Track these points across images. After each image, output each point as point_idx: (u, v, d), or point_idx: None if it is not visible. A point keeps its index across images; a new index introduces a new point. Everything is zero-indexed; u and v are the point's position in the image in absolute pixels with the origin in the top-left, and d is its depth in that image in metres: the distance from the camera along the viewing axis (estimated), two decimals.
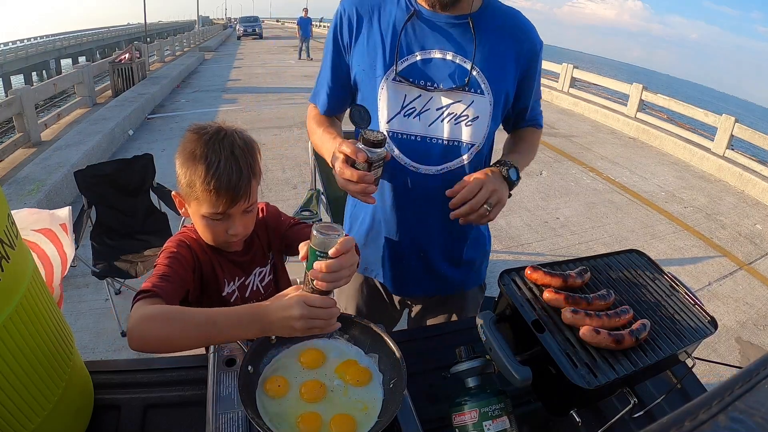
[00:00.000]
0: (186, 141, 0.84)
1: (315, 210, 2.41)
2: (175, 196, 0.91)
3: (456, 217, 0.91)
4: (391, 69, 0.96)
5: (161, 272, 0.82)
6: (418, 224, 1.06)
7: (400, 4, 0.98)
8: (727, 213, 4.52)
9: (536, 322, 0.71)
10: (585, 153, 5.92)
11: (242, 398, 0.66)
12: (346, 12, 1.00)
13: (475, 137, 0.99)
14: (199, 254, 0.92)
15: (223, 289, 0.96)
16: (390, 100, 0.97)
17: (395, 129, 0.99)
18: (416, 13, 0.96)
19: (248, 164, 0.85)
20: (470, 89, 0.96)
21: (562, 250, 3.49)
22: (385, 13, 0.98)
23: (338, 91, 1.08)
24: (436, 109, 0.97)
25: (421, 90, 0.96)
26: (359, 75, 1.01)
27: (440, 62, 0.96)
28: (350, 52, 1.02)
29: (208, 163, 0.81)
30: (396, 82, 0.96)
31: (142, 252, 2.40)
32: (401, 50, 0.96)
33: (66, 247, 1.11)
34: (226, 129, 0.86)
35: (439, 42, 0.96)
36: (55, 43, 23.63)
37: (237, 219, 0.87)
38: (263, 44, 20.96)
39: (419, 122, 0.98)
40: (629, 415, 0.75)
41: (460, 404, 0.72)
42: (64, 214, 1.15)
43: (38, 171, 3.84)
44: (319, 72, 1.12)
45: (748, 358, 2.55)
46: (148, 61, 10.54)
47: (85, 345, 2.26)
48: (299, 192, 3.98)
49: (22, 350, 0.59)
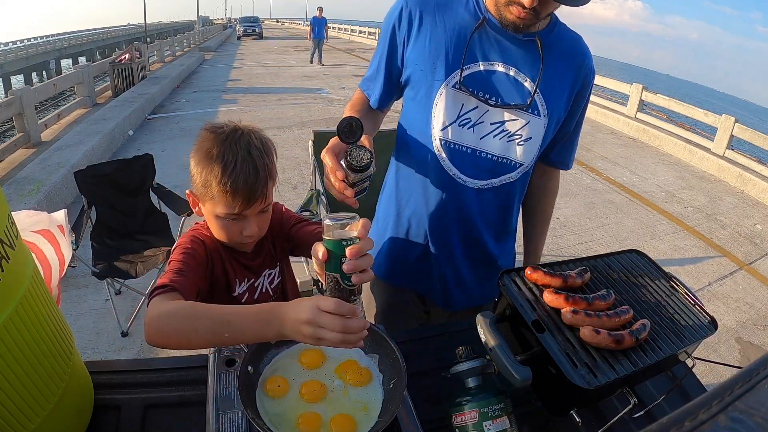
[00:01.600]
0: (202, 140, 0.83)
1: (315, 210, 2.41)
2: (188, 194, 0.89)
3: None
4: (453, 75, 0.93)
5: (176, 268, 0.80)
6: (454, 236, 1.04)
7: (468, 7, 0.94)
8: (727, 213, 4.52)
9: (536, 323, 0.71)
10: (585, 153, 5.92)
11: (242, 398, 0.65)
12: (408, 5, 0.95)
13: (526, 158, 0.98)
14: (211, 252, 0.91)
15: (235, 289, 0.95)
16: (447, 107, 0.94)
17: (448, 138, 0.96)
18: (485, 21, 0.92)
19: (265, 165, 0.83)
20: (529, 110, 0.94)
21: (562, 250, 3.49)
22: (451, 13, 0.94)
23: (387, 85, 1.04)
24: (491, 124, 0.95)
25: (480, 102, 0.93)
26: (415, 74, 0.98)
27: (503, 77, 0.93)
28: (407, 48, 0.97)
29: (224, 163, 0.80)
30: (456, 90, 0.93)
31: (142, 252, 2.40)
32: (467, 57, 0.92)
33: (63, 248, 1.13)
34: (243, 128, 0.84)
35: (503, 56, 0.93)
36: (55, 43, 23.62)
37: (252, 220, 0.86)
38: (263, 44, 20.96)
39: (473, 134, 0.96)
40: (629, 415, 0.75)
41: (460, 404, 0.72)
42: (61, 217, 1.17)
43: (38, 171, 3.84)
44: (371, 62, 1.07)
45: (748, 358, 2.55)
46: (148, 61, 10.54)
47: (85, 345, 2.26)
48: (299, 192, 4.00)
49: (22, 350, 0.59)
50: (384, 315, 1.19)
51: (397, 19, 0.97)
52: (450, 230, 1.04)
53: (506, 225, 1.08)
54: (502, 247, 1.11)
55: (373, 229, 1.16)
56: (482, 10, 0.93)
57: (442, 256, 1.07)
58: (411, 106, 1.03)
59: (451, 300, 1.13)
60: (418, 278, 1.12)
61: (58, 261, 1.10)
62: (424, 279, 1.11)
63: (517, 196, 1.05)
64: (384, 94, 1.06)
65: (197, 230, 0.93)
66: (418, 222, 1.06)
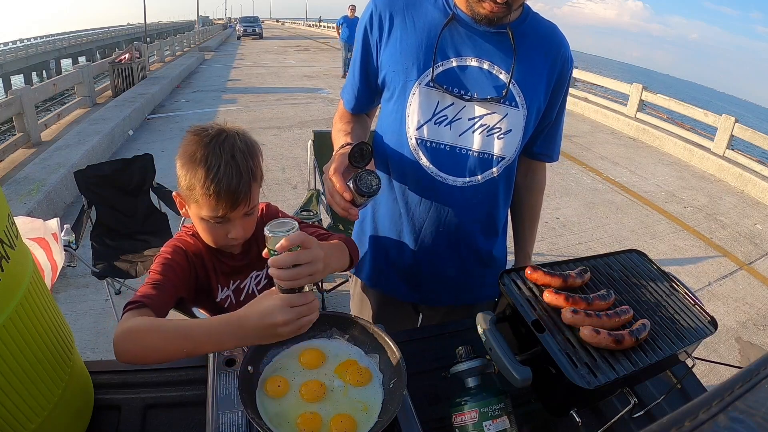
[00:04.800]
0: (186, 143, 0.83)
1: (315, 210, 2.41)
2: (175, 196, 0.90)
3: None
4: (425, 73, 0.92)
5: (153, 280, 0.82)
6: (438, 236, 1.03)
7: (437, 4, 0.94)
8: (727, 213, 4.52)
9: (536, 322, 0.71)
10: (585, 153, 5.92)
11: (242, 398, 0.66)
12: (378, 9, 0.95)
13: (507, 151, 0.97)
14: (194, 259, 0.91)
15: (217, 295, 0.95)
16: (422, 106, 0.94)
17: (424, 137, 0.95)
18: (455, 18, 0.92)
19: (249, 168, 0.83)
20: (506, 102, 0.93)
21: (562, 250, 3.49)
22: (421, 11, 0.94)
23: (366, 90, 1.05)
24: (469, 119, 0.94)
25: (455, 98, 0.93)
26: (389, 76, 0.97)
27: (476, 71, 0.93)
28: (380, 51, 0.98)
29: (207, 167, 0.80)
30: (430, 88, 0.93)
31: (142, 252, 2.40)
32: (438, 54, 0.92)
33: (55, 254, 1.16)
34: (228, 131, 0.84)
35: (476, 50, 0.93)
36: (55, 43, 23.60)
37: (237, 222, 0.86)
38: (263, 44, 20.97)
39: (450, 131, 0.95)
40: (629, 415, 0.75)
41: (460, 404, 0.72)
42: (54, 225, 1.22)
43: (38, 171, 3.84)
44: (350, 67, 1.08)
45: (748, 358, 2.55)
46: (148, 61, 10.54)
47: (85, 345, 2.25)
48: (299, 192, 3.98)
49: (22, 350, 0.59)
50: (378, 319, 1.20)
51: (368, 23, 0.97)
52: (434, 231, 1.02)
53: (494, 222, 1.06)
54: (492, 246, 1.10)
55: (356, 234, 1.18)
56: (451, 6, 0.93)
57: (426, 258, 1.06)
58: (386, 108, 1.03)
59: (439, 299, 1.13)
60: (403, 284, 1.11)
61: (50, 267, 1.13)
62: (410, 284, 1.10)
63: (502, 193, 1.04)
64: (363, 98, 1.06)
65: (181, 237, 0.93)
66: (399, 225, 1.05)
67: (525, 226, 1.20)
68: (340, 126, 1.07)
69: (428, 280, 1.09)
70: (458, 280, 1.09)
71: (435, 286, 1.10)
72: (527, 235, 1.20)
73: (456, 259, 1.06)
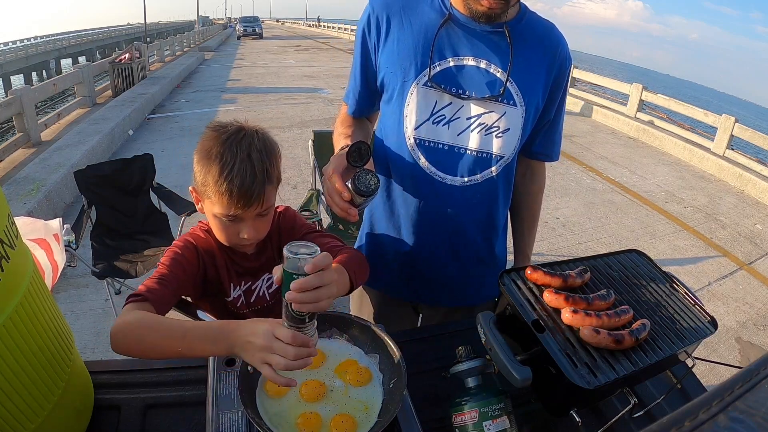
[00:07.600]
0: (205, 138, 0.83)
1: (315, 210, 2.41)
2: (192, 190, 0.89)
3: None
4: (423, 73, 0.92)
5: (159, 274, 0.82)
6: (439, 237, 1.03)
7: (434, 5, 0.94)
8: (727, 213, 4.52)
9: (536, 322, 0.71)
10: (585, 153, 5.92)
11: (242, 398, 0.66)
12: (375, 11, 0.96)
13: (506, 149, 0.97)
14: (204, 256, 0.90)
15: (229, 294, 0.94)
16: (419, 106, 0.94)
17: (422, 136, 0.96)
18: (451, 17, 0.93)
19: (264, 168, 0.82)
20: (504, 100, 0.93)
21: (562, 250, 3.49)
22: (417, 12, 0.94)
23: (367, 93, 1.05)
24: (467, 119, 0.94)
25: (453, 97, 0.93)
26: (387, 77, 0.98)
27: (473, 70, 0.93)
28: (378, 53, 0.98)
29: (222, 164, 0.79)
30: (427, 88, 0.93)
31: (142, 252, 2.40)
32: (435, 55, 0.92)
33: (56, 255, 1.16)
34: (247, 129, 0.83)
35: (473, 49, 0.93)
36: (55, 43, 23.59)
37: (250, 223, 0.85)
38: (263, 44, 20.97)
39: (448, 131, 0.95)
40: (629, 415, 0.75)
41: (460, 404, 0.72)
42: (56, 225, 1.21)
43: (38, 171, 3.84)
44: (351, 73, 1.08)
45: (748, 358, 2.55)
46: (148, 61, 10.54)
47: (85, 345, 2.25)
48: (299, 192, 4.00)
49: (22, 350, 0.59)
50: (378, 319, 1.20)
51: (366, 26, 0.98)
52: (434, 231, 1.02)
53: (493, 222, 1.06)
54: (492, 246, 1.10)
55: (359, 236, 1.17)
56: (447, 6, 0.94)
57: (426, 258, 1.06)
58: (385, 110, 1.03)
59: (439, 299, 1.13)
60: (403, 284, 1.11)
61: (51, 268, 1.13)
62: (410, 284, 1.10)
63: (501, 192, 1.04)
64: (364, 101, 1.07)
65: (194, 232, 0.93)
66: (399, 225, 1.05)
67: (524, 227, 1.20)
68: (341, 129, 1.07)
69: (428, 280, 1.09)
70: (458, 280, 1.09)
71: (435, 285, 1.10)
72: (527, 236, 1.20)
73: (456, 259, 1.06)
